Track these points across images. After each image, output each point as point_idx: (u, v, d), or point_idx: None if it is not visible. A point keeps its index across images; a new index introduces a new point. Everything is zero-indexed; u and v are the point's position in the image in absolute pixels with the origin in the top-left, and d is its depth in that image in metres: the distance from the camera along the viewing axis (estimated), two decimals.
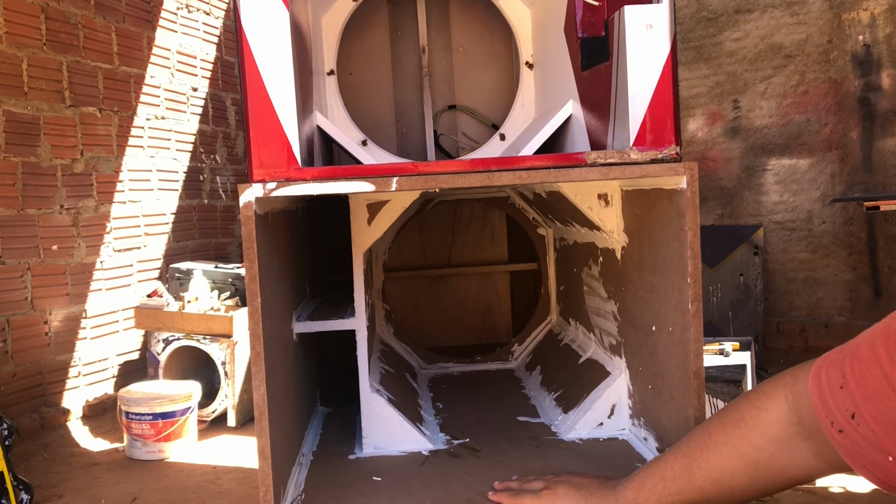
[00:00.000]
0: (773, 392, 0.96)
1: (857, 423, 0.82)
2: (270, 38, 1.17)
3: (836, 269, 4.89)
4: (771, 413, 0.95)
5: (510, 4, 1.91)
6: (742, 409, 0.98)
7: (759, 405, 0.97)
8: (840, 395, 0.84)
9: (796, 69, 4.90)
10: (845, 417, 0.83)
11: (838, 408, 0.84)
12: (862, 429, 0.81)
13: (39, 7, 3.74)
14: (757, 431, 0.95)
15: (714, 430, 1.00)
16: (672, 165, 1.20)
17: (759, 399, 0.97)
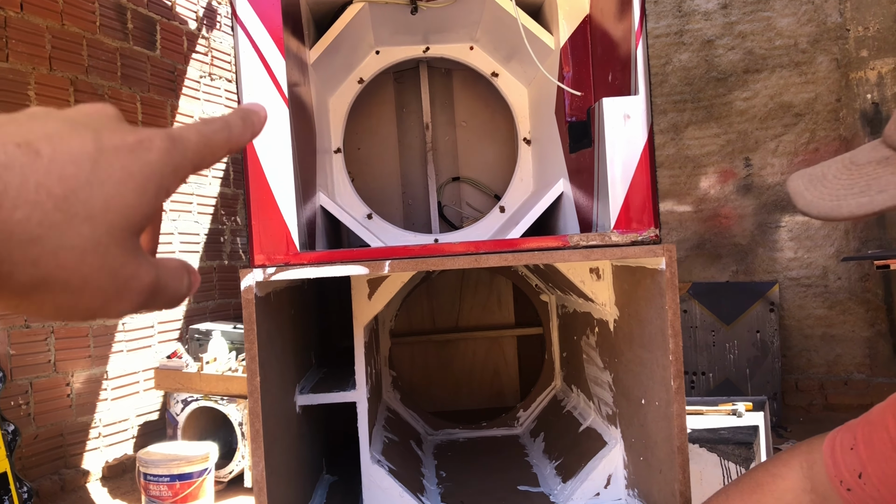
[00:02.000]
0: (790, 460, 1.01)
1: (863, 483, 0.87)
2: (272, 135, 1.25)
3: (854, 325, 4.87)
4: (787, 480, 0.99)
5: (508, 83, 2.00)
6: (759, 476, 1.03)
7: (775, 472, 1.01)
8: (850, 456, 0.89)
9: (806, 127, 4.95)
10: (853, 477, 0.88)
11: (847, 468, 0.89)
12: (868, 488, 0.86)
13: (69, 80, 3.92)
14: (772, 497, 0.99)
15: (732, 496, 1.04)
16: (651, 247, 1.25)
17: (776, 466, 1.02)
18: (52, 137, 0.35)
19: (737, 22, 5.10)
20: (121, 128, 0.38)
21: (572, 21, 1.60)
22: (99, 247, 0.35)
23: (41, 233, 0.34)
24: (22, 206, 0.33)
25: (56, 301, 0.36)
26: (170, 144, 0.39)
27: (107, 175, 0.36)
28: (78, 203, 0.35)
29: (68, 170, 0.35)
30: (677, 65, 5.22)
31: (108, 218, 0.36)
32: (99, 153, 0.36)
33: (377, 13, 1.74)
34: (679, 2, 5.22)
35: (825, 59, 4.89)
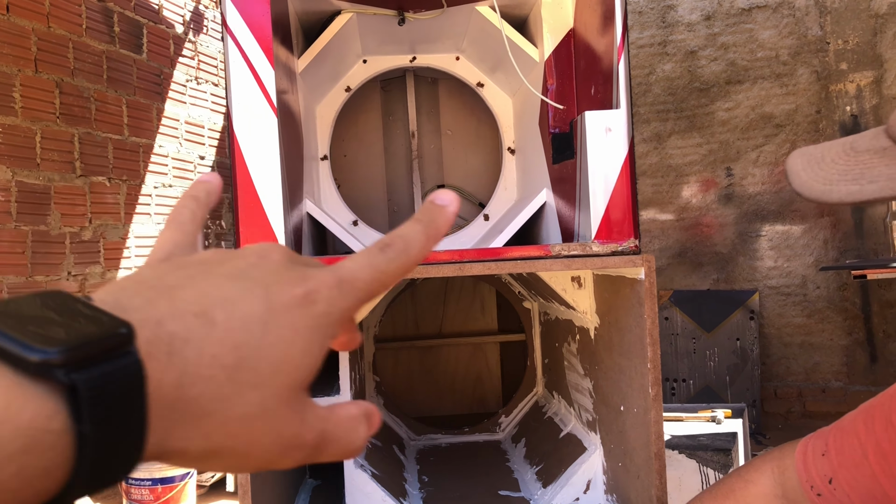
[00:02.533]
0: (762, 466, 1.04)
1: (833, 488, 0.89)
2: (261, 143, 1.28)
3: (832, 334, 4.94)
4: (758, 486, 1.02)
5: (493, 94, 2.03)
6: (732, 482, 1.06)
7: (748, 478, 1.04)
8: (821, 462, 0.92)
9: (787, 138, 5.02)
10: (824, 482, 0.91)
11: (818, 473, 0.92)
12: (838, 493, 0.89)
13: (54, 82, 3.91)
14: (744, 502, 1.02)
15: (706, 502, 1.07)
16: (631, 258, 1.28)
17: (749, 472, 1.04)
18: (225, 302, 0.34)
19: (720, 33, 5.16)
20: (288, 277, 0.37)
21: (556, 34, 1.63)
22: (266, 412, 0.35)
23: (213, 407, 0.33)
24: (197, 383, 0.32)
25: (223, 464, 0.36)
26: (337, 292, 0.37)
27: (276, 337, 0.35)
28: (248, 371, 0.34)
29: (240, 337, 0.34)
30: (661, 75, 5.28)
31: (276, 382, 0.35)
32: (269, 314, 0.35)
33: (365, 23, 1.77)
34: (663, 13, 5.28)
35: (806, 71, 4.97)
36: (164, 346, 0.32)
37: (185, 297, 0.34)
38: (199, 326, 0.33)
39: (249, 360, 0.34)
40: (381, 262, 0.39)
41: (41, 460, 0.28)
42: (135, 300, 0.33)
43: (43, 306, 0.31)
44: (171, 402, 0.32)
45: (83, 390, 0.28)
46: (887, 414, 0.86)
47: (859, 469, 0.88)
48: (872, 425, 0.87)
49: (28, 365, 0.28)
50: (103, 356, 0.29)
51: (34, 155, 3.77)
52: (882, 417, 0.86)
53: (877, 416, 0.87)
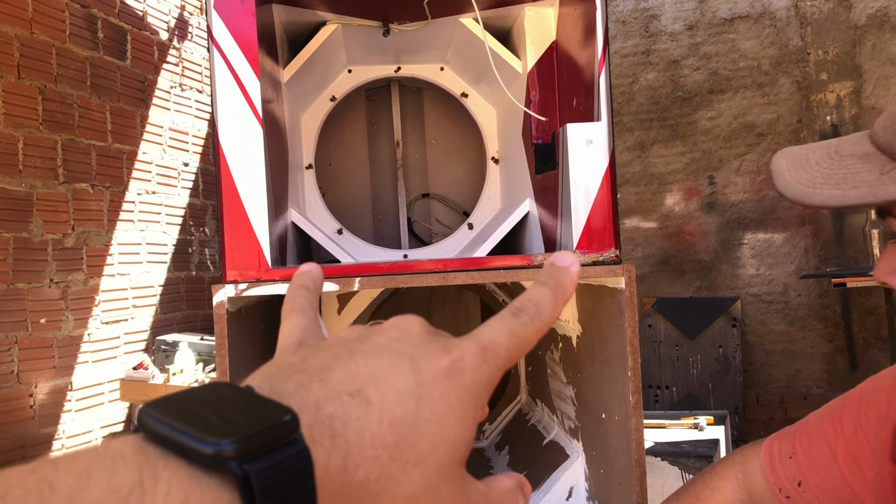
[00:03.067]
0: (724, 472, 1.04)
1: (803, 491, 0.90)
2: (246, 154, 1.29)
3: (813, 341, 4.99)
4: (724, 493, 1.02)
5: (477, 104, 2.05)
6: (697, 490, 1.06)
7: (712, 486, 1.04)
8: (789, 464, 0.93)
9: (769, 147, 5.08)
10: (793, 485, 0.92)
11: (787, 476, 0.93)
12: (808, 495, 0.90)
13: (37, 89, 3.90)
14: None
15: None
16: (612, 268, 1.30)
17: (713, 480, 1.05)
18: (376, 379, 0.34)
19: (702, 43, 5.22)
20: (432, 348, 0.37)
21: (539, 47, 1.65)
22: (430, 490, 0.34)
23: (379, 489, 0.33)
24: (362, 465, 0.32)
25: None
26: (481, 360, 0.37)
27: (430, 411, 0.35)
28: (408, 448, 0.34)
29: (397, 413, 0.34)
30: (644, 84, 5.32)
31: (436, 457, 0.34)
32: (420, 388, 0.35)
33: (350, 34, 1.78)
34: (646, 22, 5.33)
35: (787, 81, 5.03)
36: (326, 430, 0.32)
37: (337, 378, 0.34)
38: (355, 406, 0.33)
39: (409, 437, 0.34)
40: (516, 326, 0.39)
41: None
42: (288, 385, 0.34)
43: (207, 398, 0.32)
44: (339, 489, 0.32)
45: (256, 481, 0.29)
46: (856, 416, 0.87)
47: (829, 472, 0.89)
48: (840, 427, 0.89)
49: (202, 457, 0.29)
50: (272, 445, 0.30)
51: (16, 161, 3.76)
52: (850, 419, 0.88)
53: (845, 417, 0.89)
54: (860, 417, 0.87)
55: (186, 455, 0.29)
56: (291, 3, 1.58)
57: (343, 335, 0.39)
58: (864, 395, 0.90)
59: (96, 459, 0.28)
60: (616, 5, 5.39)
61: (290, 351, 0.39)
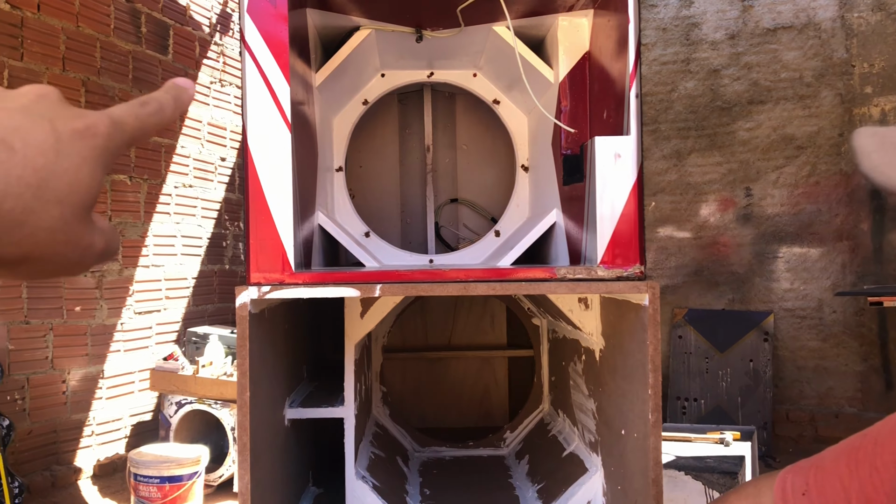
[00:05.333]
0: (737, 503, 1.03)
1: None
2: (274, 158, 1.30)
3: (847, 359, 4.89)
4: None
5: (509, 111, 2.04)
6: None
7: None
8: (801, 501, 0.91)
9: (808, 160, 5.00)
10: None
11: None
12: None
13: (81, 81, 3.97)
14: None
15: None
16: (636, 284, 1.29)
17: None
18: (18, 131, 0.40)
19: (743, 53, 5.15)
20: (67, 112, 0.43)
21: (572, 57, 1.64)
22: (66, 225, 0.41)
23: (23, 219, 0.39)
24: (8, 199, 0.38)
25: (30, 270, 0.42)
26: (112, 129, 0.44)
27: (68, 162, 0.41)
28: (49, 190, 0.40)
29: (39, 161, 0.40)
30: (683, 92, 5.27)
31: (72, 199, 0.41)
32: (59, 143, 0.41)
33: (383, 39, 1.79)
34: (687, 30, 5.27)
35: (829, 93, 4.94)
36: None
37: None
38: (1, 152, 0.38)
39: (49, 182, 0.40)
40: (142, 113, 0.47)
41: None
42: None
43: None
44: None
45: None
46: (871, 458, 0.85)
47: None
48: (856, 467, 0.87)
49: None
50: None
51: None
52: (867, 462, 0.86)
53: (861, 457, 0.87)
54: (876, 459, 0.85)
55: None
56: (325, 7, 1.59)
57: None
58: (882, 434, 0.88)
59: None
60: (657, 12, 5.34)
61: None
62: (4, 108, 0.41)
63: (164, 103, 0.49)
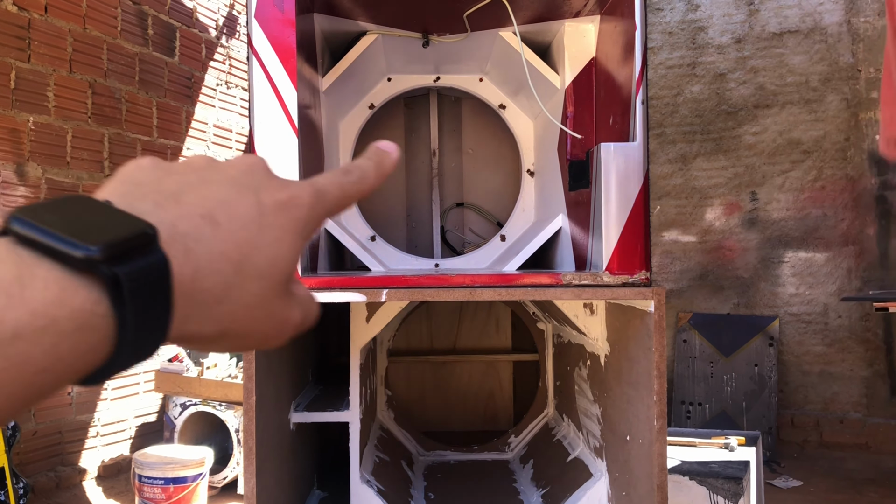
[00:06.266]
0: None
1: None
2: (280, 163, 1.30)
3: (853, 364, 4.88)
4: None
5: (515, 116, 2.04)
6: None
7: None
8: None
9: (814, 164, 4.98)
10: None
11: None
12: None
13: (88, 83, 3.98)
14: None
15: None
16: (641, 290, 1.29)
17: None
18: (224, 204, 0.39)
19: (749, 57, 5.14)
20: (273, 184, 0.42)
21: (578, 63, 1.64)
22: (264, 300, 0.41)
23: (223, 296, 0.39)
24: (210, 276, 0.38)
25: (227, 345, 0.41)
26: (314, 199, 0.43)
27: (269, 236, 0.40)
28: (250, 265, 0.39)
29: (241, 235, 0.39)
30: (689, 96, 5.26)
31: (271, 274, 0.40)
32: (262, 216, 0.40)
33: (390, 43, 1.79)
34: (693, 34, 5.27)
35: (835, 98, 4.93)
36: (180, 246, 0.37)
37: (190, 202, 0.39)
38: (205, 226, 0.38)
39: (251, 256, 0.39)
40: (345, 182, 0.46)
41: (90, 337, 0.33)
42: (145, 203, 0.38)
43: (74, 208, 0.36)
44: (189, 293, 0.37)
45: (125, 282, 0.34)
46: None
47: None
48: None
49: (74, 260, 0.33)
50: (137, 252, 0.34)
51: (65, 153, 3.84)
52: None
53: None
54: None
55: (58, 258, 0.33)
56: (332, 12, 1.60)
57: (192, 163, 0.42)
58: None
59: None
60: (663, 16, 5.33)
61: (145, 170, 0.41)
62: (213, 181, 0.41)
63: (366, 171, 0.47)
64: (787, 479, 4.31)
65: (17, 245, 0.33)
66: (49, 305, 0.32)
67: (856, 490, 4.13)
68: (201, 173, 0.41)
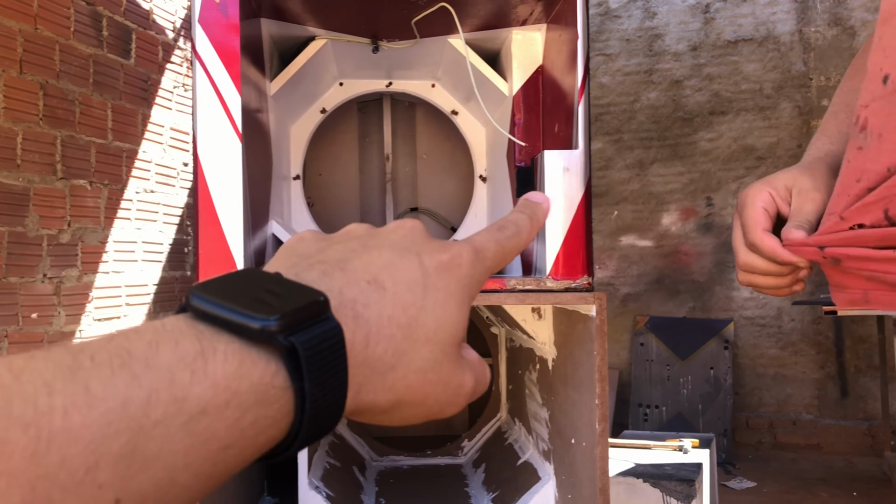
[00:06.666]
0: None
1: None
2: (223, 169, 1.29)
3: (805, 366, 4.98)
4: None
5: (467, 122, 2.05)
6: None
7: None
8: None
9: (767, 170, 5.08)
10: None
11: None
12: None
13: (39, 84, 3.91)
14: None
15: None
16: (583, 295, 1.31)
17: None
18: (388, 268, 0.39)
19: (705, 64, 5.23)
20: (433, 246, 0.42)
21: (526, 70, 1.66)
22: (436, 365, 0.40)
23: (395, 362, 0.38)
24: (381, 341, 0.37)
25: (403, 415, 0.41)
26: (474, 258, 0.43)
27: (435, 298, 0.40)
28: (418, 328, 0.39)
29: (408, 299, 0.39)
30: (646, 103, 5.33)
31: (440, 337, 0.40)
32: (426, 278, 0.40)
33: (340, 48, 1.79)
34: (650, 41, 5.34)
35: (788, 105, 5.04)
36: (350, 312, 0.37)
37: (355, 268, 0.39)
38: (372, 292, 0.38)
39: (418, 319, 0.39)
40: (502, 238, 0.46)
41: (270, 411, 0.33)
42: (312, 273, 0.38)
43: (245, 282, 0.36)
44: (362, 360, 0.37)
45: (301, 351, 0.33)
46: None
47: None
48: None
49: (251, 332, 0.33)
50: (311, 321, 0.34)
51: (15, 156, 3.77)
52: None
53: None
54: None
55: (236, 331, 0.33)
56: (280, 17, 1.59)
57: (353, 231, 0.43)
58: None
59: (159, 333, 0.32)
60: (621, 23, 5.40)
61: (307, 242, 0.42)
62: (375, 247, 0.41)
63: (521, 225, 0.48)
64: (742, 480, 4.39)
65: (196, 320, 0.34)
66: (230, 379, 0.32)
67: (807, 490, 4.21)
68: (363, 240, 0.42)
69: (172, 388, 0.30)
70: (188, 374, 0.31)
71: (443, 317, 0.40)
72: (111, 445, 0.28)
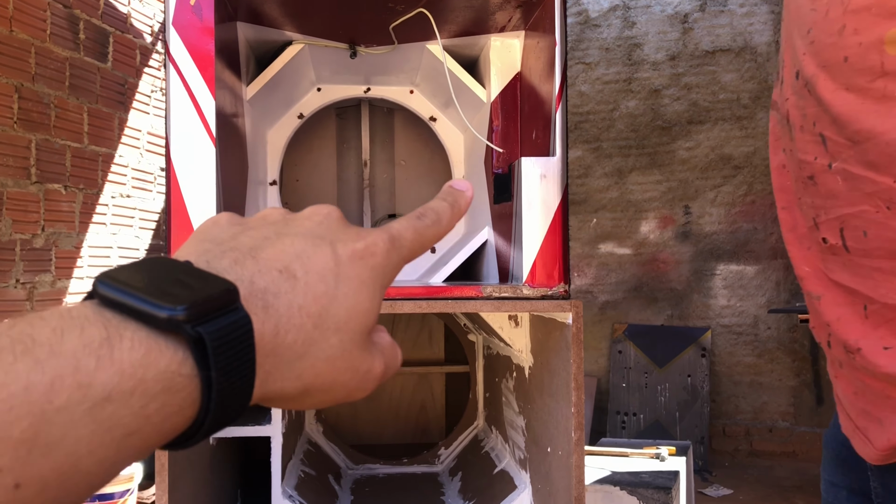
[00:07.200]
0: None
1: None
2: (196, 173, 1.28)
3: (781, 374, 5.02)
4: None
5: (445, 128, 2.05)
6: None
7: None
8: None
9: (744, 179, 5.12)
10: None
11: None
12: None
13: (13, 87, 3.87)
14: None
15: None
16: (559, 302, 1.30)
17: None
18: (300, 257, 0.39)
19: (683, 74, 5.26)
20: (348, 234, 0.42)
21: (504, 77, 1.66)
22: (345, 353, 0.40)
23: (304, 351, 0.38)
24: (291, 331, 0.37)
25: (311, 401, 0.41)
26: (390, 246, 0.42)
27: (347, 287, 0.39)
28: (329, 318, 0.39)
29: (319, 288, 0.39)
30: (624, 111, 5.36)
31: (351, 326, 0.40)
32: (338, 267, 0.40)
33: (317, 54, 1.78)
34: (629, 50, 5.38)
35: (765, 115, 5.08)
36: (260, 302, 0.37)
37: (267, 257, 0.39)
38: (283, 281, 0.38)
39: (329, 309, 0.39)
40: (420, 226, 0.45)
41: (176, 399, 0.33)
42: (223, 261, 0.38)
43: (156, 270, 0.36)
44: (271, 350, 0.37)
45: (208, 341, 0.33)
46: None
47: None
48: None
49: (158, 321, 0.33)
50: (219, 312, 0.34)
51: None
52: None
53: None
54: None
55: (143, 319, 0.33)
56: (257, 21, 1.58)
57: (268, 216, 0.43)
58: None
59: (65, 319, 0.32)
60: (600, 32, 5.43)
61: (221, 226, 0.42)
62: (288, 234, 0.40)
63: (441, 213, 0.47)
64: (718, 487, 4.40)
65: (103, 307, 0.33)
66: (137, 367, 0.32)
67: (783, 497, 4.24)
68: (277, 227, 0.41)
69: (77, 375, 0.30)
70: (93, 361, 0.31)
71: (354, 306, 0.40)
72: (11, 430, 0.28)
